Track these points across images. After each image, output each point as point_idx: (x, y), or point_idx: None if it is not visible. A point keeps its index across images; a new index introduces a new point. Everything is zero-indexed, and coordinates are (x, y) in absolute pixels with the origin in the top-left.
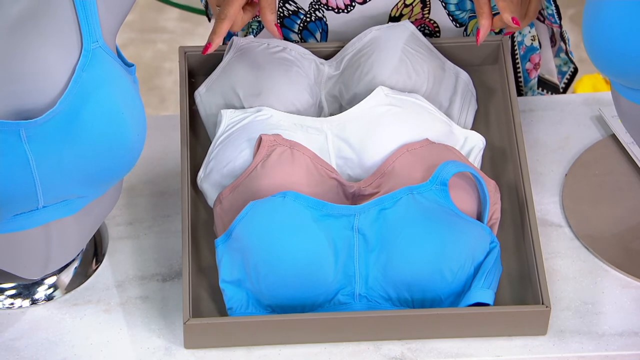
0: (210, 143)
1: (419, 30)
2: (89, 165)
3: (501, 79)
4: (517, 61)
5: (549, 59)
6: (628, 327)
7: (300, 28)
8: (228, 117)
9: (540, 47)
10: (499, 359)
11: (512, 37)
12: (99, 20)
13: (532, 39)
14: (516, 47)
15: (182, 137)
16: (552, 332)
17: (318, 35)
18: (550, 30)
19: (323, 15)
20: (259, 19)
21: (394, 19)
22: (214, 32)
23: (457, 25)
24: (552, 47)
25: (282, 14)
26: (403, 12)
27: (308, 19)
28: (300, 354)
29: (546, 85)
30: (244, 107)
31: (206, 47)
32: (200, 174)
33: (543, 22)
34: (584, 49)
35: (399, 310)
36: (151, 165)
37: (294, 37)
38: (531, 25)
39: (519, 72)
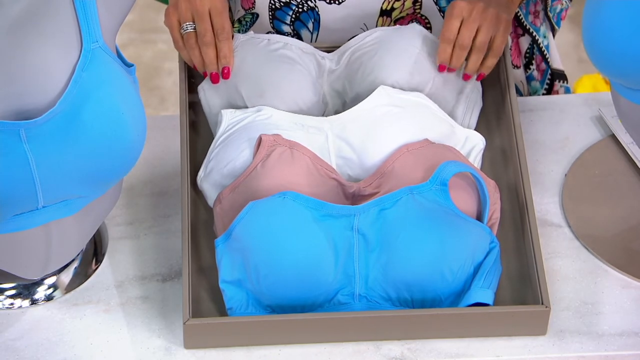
0: (211, 142)
1: None
2: (89, 165)
3: (501, 79)
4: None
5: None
6: (628, 327)
7: (293, 19)
8: (228, 117)
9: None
10: (499, 359)
11: (535, 38)
12: (98, 20)
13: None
14: (542, 45)
15: (182, 137)
16: (552, 332)
17: (310, 26)
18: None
19: (315, 5)
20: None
21: (385, 12)
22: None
23: None
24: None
25: (273, 6)
26: (394, 6)
27: (300, 9)
28: (300, 354)
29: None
30: (246, 106)
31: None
32: (200, 174)
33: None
34: (583, 49)
35: (399, 310)
36: (151, 165)
37: (286, 28)
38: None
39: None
